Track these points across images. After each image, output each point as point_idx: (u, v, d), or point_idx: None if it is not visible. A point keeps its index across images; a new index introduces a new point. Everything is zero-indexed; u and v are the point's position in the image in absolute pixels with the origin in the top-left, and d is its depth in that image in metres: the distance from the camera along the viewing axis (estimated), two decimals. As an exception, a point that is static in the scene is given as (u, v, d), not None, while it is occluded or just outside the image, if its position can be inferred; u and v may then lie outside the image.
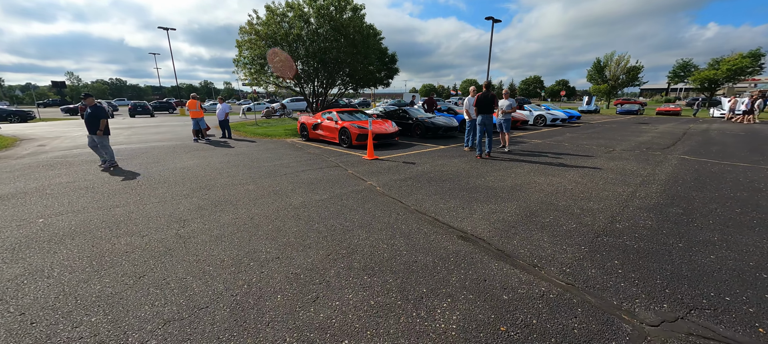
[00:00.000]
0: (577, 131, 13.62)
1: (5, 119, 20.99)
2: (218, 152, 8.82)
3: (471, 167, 6.48)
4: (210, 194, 4.67)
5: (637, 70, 44.00)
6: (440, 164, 6.71)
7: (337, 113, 10.17)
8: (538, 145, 9.64)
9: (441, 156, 7.72)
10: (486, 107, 7.36)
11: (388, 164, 6.86)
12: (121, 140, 11.62)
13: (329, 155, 8.12)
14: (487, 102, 7.34)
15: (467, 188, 4.88)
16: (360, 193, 4.67)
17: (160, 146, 10.05)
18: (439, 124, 11.35)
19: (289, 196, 4.55)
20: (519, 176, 5.64)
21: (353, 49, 12.86)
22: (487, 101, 7.34)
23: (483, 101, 7.36)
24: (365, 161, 7.15)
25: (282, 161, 7.38)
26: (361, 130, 8.97)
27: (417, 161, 7.08)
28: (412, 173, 5.97)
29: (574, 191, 4.72)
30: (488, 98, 7.31)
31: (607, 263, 2.65)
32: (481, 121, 7.48)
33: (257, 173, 6.04)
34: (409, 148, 9.09)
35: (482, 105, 7.37)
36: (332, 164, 6.85)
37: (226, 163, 7.17)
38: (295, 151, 8.87)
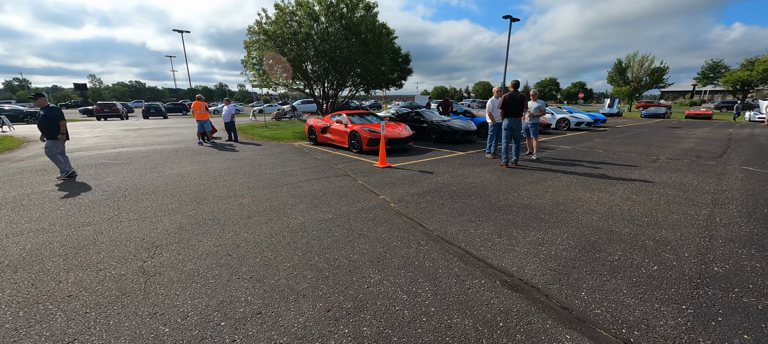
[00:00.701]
0: (607, 136, 12.53)
1: (22, 119, 21.30)
2: (220, 156, 8.26)
3: (498, 178, 5.65)
4: (197, 210, 4.02)
5: (661, 72, 41.91)
6: (462, 174, 5.90)
7: (346, 115, 9.48)
8: (568, 152, 8.69)
9: (461, 164, 6.91)
10: (514, 110, 6.50)
11: (402, 173, 6.10)
12: (127, 143, 11.25)
13: (338, 161, 7.42)
14: (515, 104, 6.49)
15: (500, 207, 4.07)
16: (371, 211, 3.92)
17: (162, 149, 9.58)
18: (456, 127, 10.52)
19: (287, 214, 3.84)
20: (558, 191, 4.78)
21: (365, 48, 12.20)
22: (515, 103, 6.49)
23: (510, 102, 6.52)
24: (377, 170, 6.41)
25: (286, 167, 6.72)
26: (373, 134, 8.25)
27: (435, 170, 6.29)
28: (430, 185, 5.19)
29: (633, 213, 3.84)
30: (516, 100, 6.47)
31: (734, 339, 1.81)
32: (507, 125, 6.63)
33: (256, 183, 5.38)
34: (424, 154, 8.31)
35: (509, 107, 6.52)
36: (340, 173, 6.14)
37: (226, 170, 6.56)
38: (301, 156, 8.22)
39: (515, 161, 6.70)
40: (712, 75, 47.94)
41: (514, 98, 6.49)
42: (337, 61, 12.11)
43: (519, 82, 6.59)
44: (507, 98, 6.56)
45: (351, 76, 14.14)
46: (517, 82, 6.58)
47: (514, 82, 6.60)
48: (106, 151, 9.22)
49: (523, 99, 6.51)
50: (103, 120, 25.83)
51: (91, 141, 11.70)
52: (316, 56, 12.45)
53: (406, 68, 15.20)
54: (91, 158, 7.98)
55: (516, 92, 6.52)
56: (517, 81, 6.59)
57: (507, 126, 6.61)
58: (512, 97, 6.49)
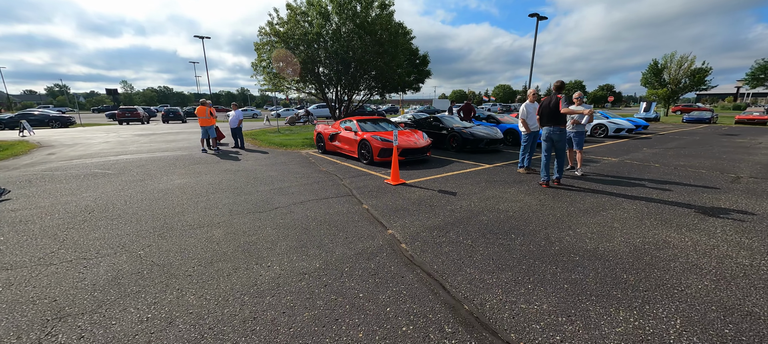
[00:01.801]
0: (655, 145, 10.89)
1: (47, 124, 21.92)
2: (218, 167, 7.50)
3: (540, 202, 4.46)
4: (153, 247, 3.13)
5: (703, 73, 38.55)
6: (493, 197, 4.76)
7: (356, 122, 8.52)
8: (617, 166, 7.30)
9: (490, 181, 5.74)
10: (556, 116, 5.29)
11: (418, 193, 5.03)
12: (132, 149, 10.82)
13: (344, 174, 6.45)
14: (552, 111, 5.27)
15: (554, 255, 2.92)
16: (374, 258, 2.88)
17: (163, 157, 9.00)
18: (480, 135, 9.32)
19: (261, 260, 2.87)
20: (629, 228, 3.55)
21: (379, 48, 11.25)
22: (553, 110, 5.26)
23: (546, 107, 5.31)
24: (388, 188, 5.37)
25: (284, 182, 5.81)
26: (384, 144, 7.23)
27: (458, 189, 5.18)
28: (454, 212, 4.09)
29: (763, 271, 2.59)
30: (556, 104, 5.25)
31: None
32: (547, 135, 5.41)
33: (242, 205, 4.48)
34: (444, 166, 7.19)
35: (550, 113, 5.32)
36: (344, 191, 5.15)
37: (216, 185, 5.73)
38: (304, 167, 7.32)
39: (557, 179, 5.46)
40: (762, 76, 43.70)
41: (549, 102, 5.27)
42: (349, 63, 11.23)
43: (563, 83, 5.36)
44: (543, 103, 5.35)
45: (365, 79, 13.23)
46: (560, 83, 5.35)
47: (558, 82, 5.37)
48: (107, 159, 8.73)
49: (558, 103, 5.27)
50: (125, 124, 26.38)
51: (99, 147, 11.39)
52: (327, 58, 11.63)
53: (424, 70, 14.13)
54: (84, 168, 7.43)
55: (556, 96, 5.29)
56: (562, 82, 5.35)
57: (547, 137, 5.39)
58: (550, 102, 5.28)
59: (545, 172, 5.41)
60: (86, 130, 19.80)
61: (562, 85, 5.33)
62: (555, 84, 5.38)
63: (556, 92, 5.34)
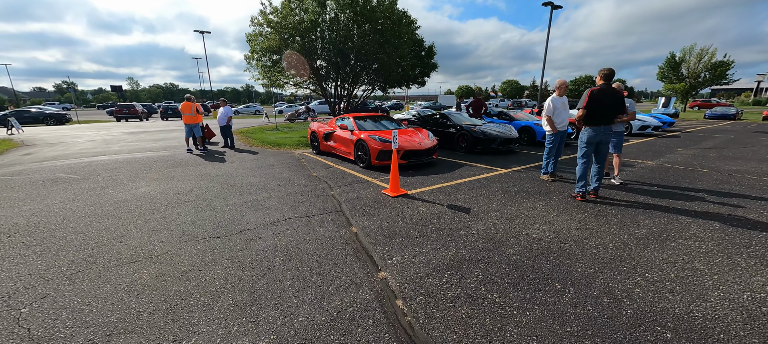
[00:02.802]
0: (688, 144, 9.70)
1: (42, 121, 21.38)
2: (195, 171, 6.61)
3: (580, 225, 3.45)
4: (49, 298, 2.23)
5: (725, 67, 36.60)
6: (517, 215, 3.76)
7: (353, 119, 7.55)
8: (656, 171, 6.21)
9: (509, 192, 4.73)
10: (606, 114, 4.20)
11: (422, 209, 4.05)
12: (114, 149, 10.02)
13: (337, 180, 5.50)
14: (609, 105, 4.18)
15: (630, 327, 1.92)
16: (354, 330, 1.93)
17: (142, 158, 8.17)
18: (494, 134, 8.27)
19: (185, 330, 1.94)
20: (722, 271, 2.53)
21: (380, 37, 10.22)
22: (610, 104, 4.17)
23: (602, 102, 4.16)
24: (386, 200, 4.40)
25: (262, 192, 4.88)
26: (384, 145, 6.25)
27: (472, 204, 4.18)
28: (470, 243, 3.10)
29: None
30: (614, 99, 4.14)
31: None
32: (591, 138, 4.27)
33: (200, 226, 3.56)
34: (453, 171, 6.19)
35: (600, 110, 4.19)
36: (331, 207, 4.19)
37: (183, 195, 4.83)
38: (293, 172, 6.39)
39: (595, 191, 4.41)
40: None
41: (608, 95, 4.16)
42: (348, 55, 10.24)
43: (613, 71, 4.24)
44: (595, 95, 4.18)
45: (366, 73, 12.23)
46: (610, 71, 4.23)
47: (606, 71, 4.23)
48: (81, 160, 7.93)
49: (621, 99, 4.18)
50: (124, 121, 25.83)
51: (81, 147, 10.63)
52: (324, 49, 10.66)
53: (430, 63, 13.06)
54: (50, 171, 6.62)
55: (608, 85, 4.20)
56: (612, 70, 4.23)
57: (590, 139, 4.29)
58: (605, 94, 4.16)
59: (581, 183, 4.37)
60: (80, 128, 19.18)
61: (611, 73, 4.21)
62: (602, 72, 4.24)
63: (605, 80, 4.19)
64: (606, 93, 4.14)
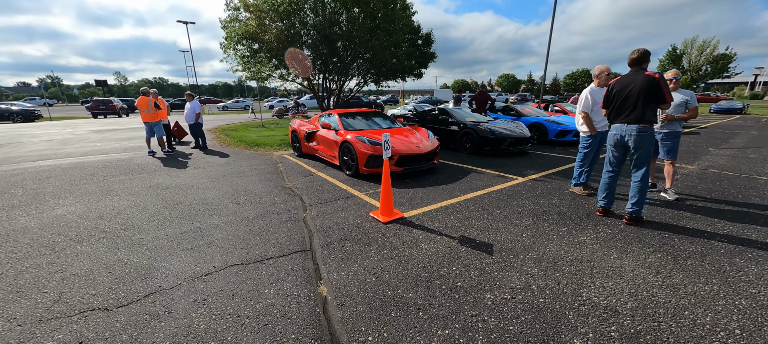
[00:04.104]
0: (716, 142, 8.67)
1: (8, 118, 19.72)
2: (144, 181, 5.36)
3: (663, 279, 2.32)
4: None
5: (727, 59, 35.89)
6: (560, 257, 2.62)
7: (338, 117, 6.33)
8: (703, 178, 5.12)
9: (537, 213, 3.60)
10: (623, 105, 3.10)
11: (425, 246, 2.89)
12: (69, 151, 8.70)
13: (315, 194, 4.31)
14: (629, 96, 3.06)
15: None
16: None
17: (93, 162, 6.94)
18: (503, 133, 7.13)
19: None
20: None
21: (371, 22, 8.96)
22: (631, 95, 3.04)
23: (620, 91, 3.12)
24: (375, 228, 3.24)
25: (211, 217, 3.68)
26: (375, 148, 5.07)
27: (493, 235, 3.04)
28: (505, 318, 1.96)
29: None
30: (639, 87, 2.99)
31: None
32: (620, 138, 3.22)
33: (92, 283, 2.37)
34: (459, 180, 5.03)
35: (617, 103, 3.16)
36: (296, 244, 3.00)
37: (107, 220, 3.62)
38: (262, 182, 5.18)
39: (630, 215, 3.23)
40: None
41: (629, 83, 3.05)
42: (334, 41, 8.97)
43: (643, 53, 3.08)
44: (612, 85, 3.19)
45: (357, 63, 10.96)
46: (640, 54, 3.07)
47: (635, 53, 3.10)
48: (19, 166, 6.70)
49: (659, 86, 3.02)
50: (102, 117, 24.26)
51: (32, 148, 9.28)
52: (307, 35, 9.38)
53: (427, 53, 11.84)
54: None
55: (636, 71, 3.07)
56: (641, 52, 3.08)
57: (617, 141, 3.21)
58: (625, 82, 3.08)
59: (605, 194, 3.37)
60: (47, 125, 17.63)
61: (641, 56, 3.07)
62: (634, 53, 3.09)
63: (638, 60, 3.07)
64: (627, 81, 3.05)
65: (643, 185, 3.15)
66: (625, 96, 3.06)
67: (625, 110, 3.08)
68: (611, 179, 3.42)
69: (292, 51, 9.46)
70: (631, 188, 3.23)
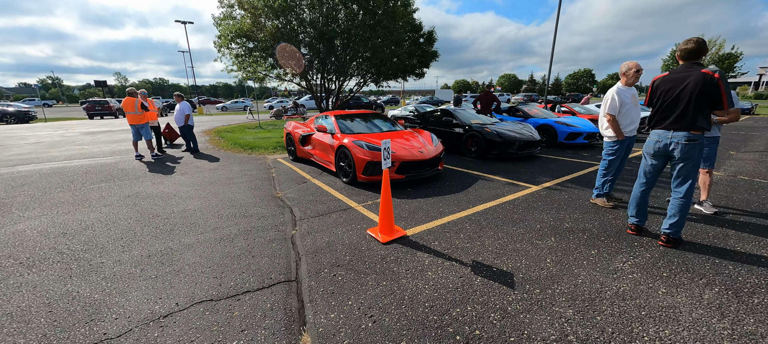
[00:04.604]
0: (735, 146, 8.20)
1: (1, 119, 19.34)
2: (124, 190, 4.92)
3: (731, 328, 1.87)
4: None
5: (733, 59, 35.40)
6: (597, 293, 2.17)
7: (334, 119, 5.88)
8: (735, 186, 4.65)
9: (559, 231, 3.14)
10: (671, 109, 2.64)
11: (433, 276, 2.44)
12: (54, 154, 8.29)
13: (307, 206, 3.86)
14: (679, 98, 2.59)
15: None
16: None
17: (76, 167, 6.53)
18: (511, 136, 6.68)
19: None
20: None
21: (370, 19, 8.52)
22: (681, 96, 2.58)
23: (667, 91, 2.67)
24: (373, 251, 2.79)
25: (187, 235, 3.23)
26: (374, 154, 4.61)
27: (512, 260, 2.59)
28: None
29: None
30: (692, 87, 2.50)
31: None
32: (646, 148, 2.86)
33: (20, 329, 1.93)
34: (466, 189, 4.58)
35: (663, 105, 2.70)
36: (280, 272, 2.55)
37: (69, 237, 3.18)
38: (251, 191, 4.73)
39: (667, 237, 2.76)
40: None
41: (679, 82, 2.59)
42: (332, 39, 8.52)
43: (698, 45, 2.60)
44: (658, 83, 2.73)
45: (356, 62, 10.51)
46: (696, 44, 2.58)
47: (688, 44, 2.63)
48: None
49: (718, 85, 2.54)
50: (98, 118, 23.92)
51: (18, 151, 8.90)
52: (304, 33, 8.95)
53: (430, 51, 11.39)
54: None
55: (690, 67, 2.60)
56: (696, 43, 2.59)
57: (658, 150, 2.76)
58: (675, 81, 2.61)
59: (637, 209, 2.93)
60: (40, 126, 17.25)
61: (697, 47, 2.59)
62: (680, 47, 2.64)
63: (694, 58, 2.62)
64: (677, 79, 2.57)
65: (685, 203, 2.69)
66: (674, 97, 2.60)
67: (673, 114, 2.63)
68: (645, 193, 2.96)
69: (283, 47, 9.02)
70: (671, 205, 2.77)
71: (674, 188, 2.76)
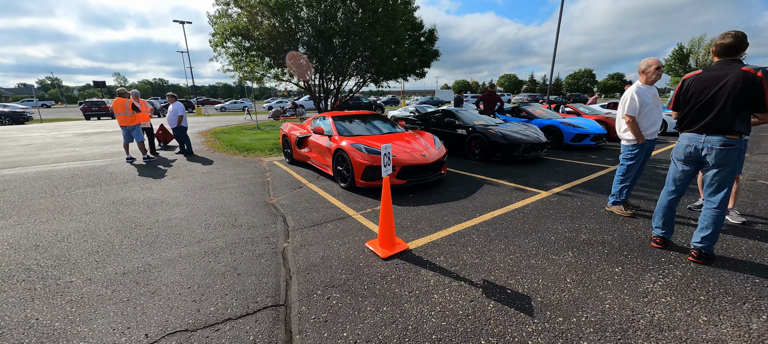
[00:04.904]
0: (749, 147, 7.94)
1: (-5, 120, 19.07)
2: (110, 195, 4.65)
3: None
4: None
5: (736, 58, 35.05)
6: (628, 321, 1.89)
7: (332, 120, 5.61)
8: (759, 192, 4.38)
9: (576, 243, 2.87)
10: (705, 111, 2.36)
11: (439, 299, 2.16)
12: (42, 157, 8.02)
13: (301, 214, 3.58)
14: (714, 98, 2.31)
15: None
16: None
17: (63, 170, 6.25)
18: (517, 138, 6.41)
19: None
20: None
21: (370, 16, 8.25)
22: (717, 96, 2.29)
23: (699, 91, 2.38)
24: (372, 268, 2.51)
25: (169, 249, 2.96)
26: (373, 158, 4.34)
27: (528, 279, 2.32)
28: None
29: None
30: (749, 85, 2.19)
31: None
32: (676, 153, 2.62)
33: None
34: (472, 195, 4.30)
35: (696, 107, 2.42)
36: (267, 295, 2.28)
37: (37, 252, 2.90)
38: (244, 196, 4.45)
39: (699, 252, 2.49)
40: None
41: (714, 80, 2.32)
42: (331, 38, 8.25)
43: (738, 38, 2.28)
44: (690, 82, 2.46)
45: (356, 61, 10.23)
46: (734, 38, 2.29)
47: (725, 39, 2.34)
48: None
49: (755, 86, 2.26)
50: (95, 119, 23.68)
51: (8, 152, 8.67)
52: (302, 30, 8.68)
53: (431, 50, 11.12)
54: None
55: (726, 64, 2.32)
56: (736, 37, 2.28)
57: (689, 155, 2.50)
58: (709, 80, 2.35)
59: (663, 220, 2.70)
60: (35, 127, 16.98)
61: (735, 41, 2.29)
62: (728, 41, 2.38)
63: (733, 55, 2.35)
64: (713, 77, 2.30)
65: (719, 214, 2.42)
66: (709, 97, 2.33)
67: (707, 116, 2.35)
68: (673, 202, 2.69)
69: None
70: (703, 215, 2.49)
71: (707, 198, 2.49)
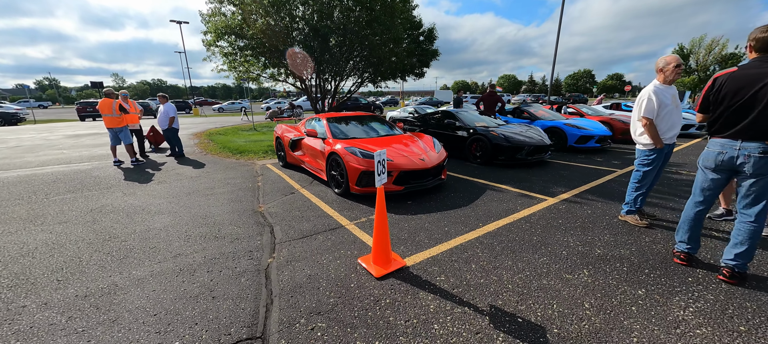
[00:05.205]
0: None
1: (-12, 122, 18.76)
2: (90, 202, 4.36)
3: None
4: None
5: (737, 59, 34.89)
6: (658, 355, 1.62)
7: (326, 122, 5.32)
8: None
9: (590, 259, 2.60)
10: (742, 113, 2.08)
11: (441, 331, 1.89)
12: (28, 160, 7.74)
13: (291, 224, 3.30)
14: (754, 99, 2.03)
15: None
16: None
17: (46, 174, 5.99)
18: (519, 140, 6.14)
19: None
20: None
21: (368, 14, 7.98)
22: (758, 95, 2.01)
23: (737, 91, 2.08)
24: (365, 290, 2.23)
25: (141, 266, 2.68)
26: (369, 163, 4.06)
27: (541, 305, 2.04)
28: None
29: None
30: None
31: None
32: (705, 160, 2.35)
33: None
34: (474, 201, 4.03)
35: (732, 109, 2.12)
36: (242, 319, 1.99)
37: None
38: (232, 203, 4.17)
39: (732, 271, 2.22)
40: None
41: (754, 79, 2.03)
42: (327, 36, 7.97)
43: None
44: (723, 81, 2.16)
45: (353, 60, 9.96)
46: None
47: (762, 32, 2.10)
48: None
49: None
50: (90, 120, 23.43)
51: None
52: (295, 29, 8.40)
53: (430, 50, 10.86)
54: None
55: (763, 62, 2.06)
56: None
57: (705, 163, 2.32)
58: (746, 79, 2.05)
59: (689, 234, 2.44)
60: (27, 128, 16.67)
61: None
62: (753, 36, 2.09)
63: (759, 52, 2.09)
64: (749, 76, 2.02)
65: (757, 228, 2.14)
66: (746, 98, 2.05)
67: (744, 119, 2.08)
68: (701, 214, 2.42)
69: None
70: (737, 230, 2.22)
71: (741, 211, 2.22)
